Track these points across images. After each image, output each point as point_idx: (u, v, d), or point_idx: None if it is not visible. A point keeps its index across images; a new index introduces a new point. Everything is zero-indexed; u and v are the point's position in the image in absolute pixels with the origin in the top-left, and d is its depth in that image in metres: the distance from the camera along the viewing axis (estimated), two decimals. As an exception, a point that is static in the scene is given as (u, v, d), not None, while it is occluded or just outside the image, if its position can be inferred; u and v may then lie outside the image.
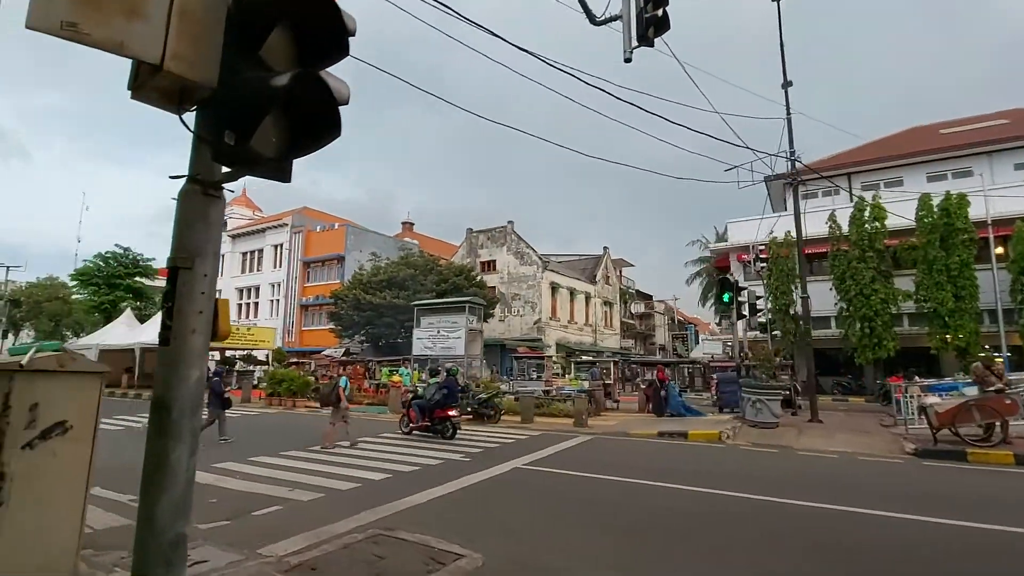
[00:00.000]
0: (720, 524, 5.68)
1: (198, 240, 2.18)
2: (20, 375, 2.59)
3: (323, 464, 8.64)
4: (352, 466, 8.43)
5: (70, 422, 2.79)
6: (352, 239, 46.37)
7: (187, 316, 2.11)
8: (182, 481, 2.10)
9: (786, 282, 25.60)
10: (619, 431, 12.39)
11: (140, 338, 25.26)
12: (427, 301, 20.36)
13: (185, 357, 2.12)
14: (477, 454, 9.60)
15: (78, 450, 2.85)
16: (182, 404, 2.09)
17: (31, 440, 2.59)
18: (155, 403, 2.13)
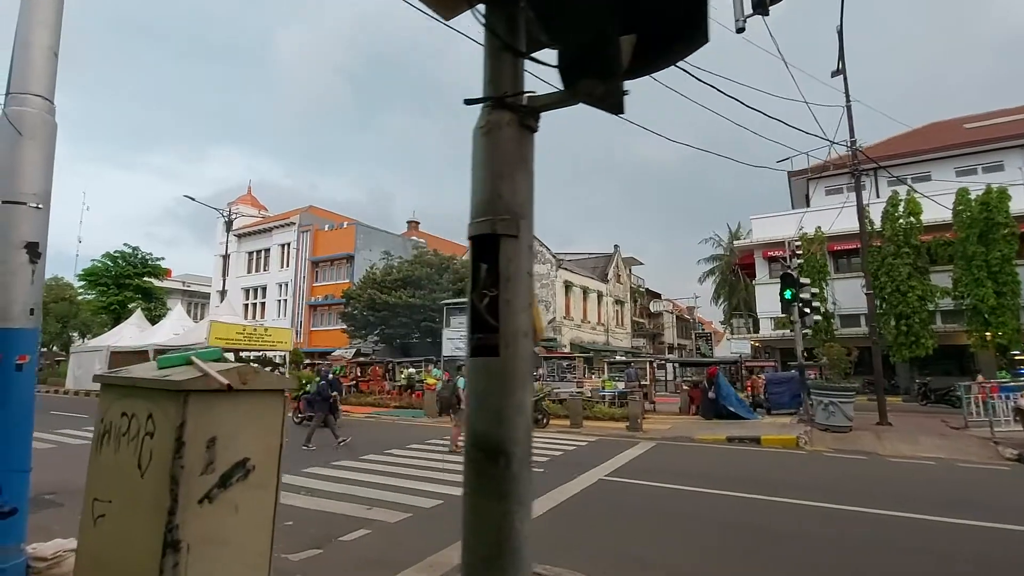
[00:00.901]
0: (882, 550, 4.98)
1: (520, 194, 1.46)
2: (195, 397, 1.85)
3: (387, 476, 7.92)
4: (419, 477, 7.73)
5: (252, 460, 2.08)
6: (361, 238, 45.60)
7: (517, 312, 1.39)
8: (524, 560, 1.39)
9: (817, 279, 24.93)
10: (679, 435, 11.70)
11: (152, 339, 24.50)
12: (458, 300, 19.65)
13: (518, 373, 1.41)
14: (547, 463, 8.89)
15: (262, 500, 2.09)
16: (523, 446, 1.38)
17: (209, 490, 1.90)
18: (479, 444, 1.41)
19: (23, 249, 3.25)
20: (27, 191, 3.32)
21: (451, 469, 8.34)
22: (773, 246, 28.34)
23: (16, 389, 3.22)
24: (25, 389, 3.34)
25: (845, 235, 25.75)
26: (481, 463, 1.37)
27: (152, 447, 1.72)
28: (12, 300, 3.19)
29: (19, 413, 3.31)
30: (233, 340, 22.79)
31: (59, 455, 9.87)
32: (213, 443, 1.90)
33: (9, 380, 3.16)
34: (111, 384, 1.94)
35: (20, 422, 3.32)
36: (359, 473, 8.17)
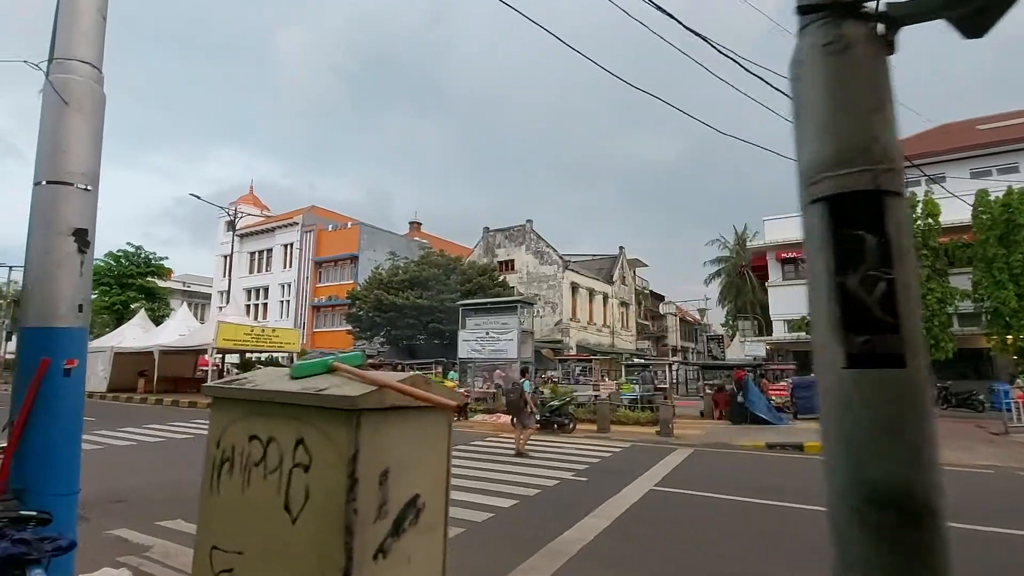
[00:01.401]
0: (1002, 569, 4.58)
1: (896, 137, 1.05)
2: (368, 418, 1.39)
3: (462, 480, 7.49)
4: (460, 488, 7.29)
5: (422, 497, 1.61)
6: (366, 238, 45.22)
7: (915, 302, 0.97)
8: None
9: (834, 281, 24.56)
10: (715, 442, 11.29)
11: (157, 340, 24.05)
12: (474, 301, 19.25)
13: (927, 391, 0.99)
14: (587, 471, 8.48)
15: (432, 546, 1.59)
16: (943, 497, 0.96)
17: (383, 540, 1.43)
18: (880, 499, 0.95)
19: (70, 237, 2.83)
20: (74, 170, 2.91)
21: (495, 475, 7.92)
22: (788, 247, 28.06)
23: (64, 398, 2.80)
24: (74, 398, 2.91)
25: (860, 237, 25.48)
26: (889, 528, 0.92)
27: (308, 483, 1.27)
28: (59, 296, 2.77)
29: (68, 427, 2.89)
30: (240, 341, 22.37)
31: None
32: (386, 477, 1.44)
33: (56, 388, 2.74)
34: (230, 399, 1.50)
35: (69, 437, 2.89)
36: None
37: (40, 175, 2.95)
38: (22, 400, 2.75)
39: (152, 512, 6.07)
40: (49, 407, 2.73)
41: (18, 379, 2.85)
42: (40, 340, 2.79)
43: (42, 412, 2.73)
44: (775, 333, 28.53)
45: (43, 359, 2.74)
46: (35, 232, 2.89)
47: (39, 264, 2.82)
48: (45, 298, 2.79)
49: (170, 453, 10.35)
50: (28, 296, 2.81)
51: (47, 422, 2.74)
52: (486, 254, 43.14)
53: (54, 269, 2.77)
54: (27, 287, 2.83)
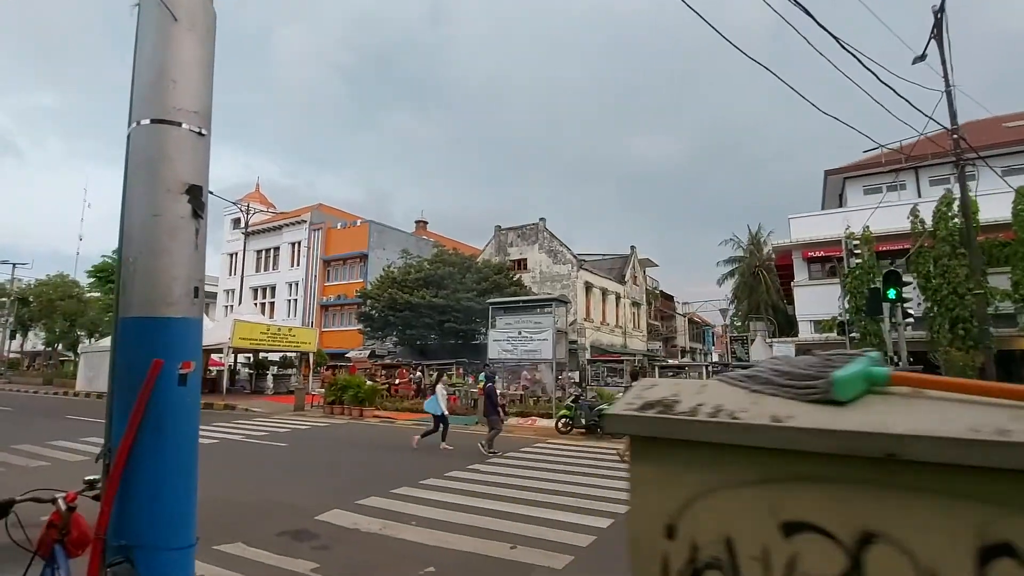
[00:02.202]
0: None
1: None
2: None
3: (499, 500, 6.76)
4: (545, 504, 6.56)
5: None
6: (375, 236, 44.51)
7: None
8: None
9: (866, 281, 23.84)
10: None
11: (169, 339, 23.31)
12: (505, 300, 18.52)
13: None
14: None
15: None
16: None
17: None
18: None
19: (183, 196, 2.09)
20: (185, 106, 2.17)
21: (568, 487, 7.19)
22: (814, 246, 27.35)
23: (179, 415, 2.06)
24: (191, 415, 2.17)
25: (892, 235, 24.79)
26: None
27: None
28: (170, 274, 2.03)
29: (184, 454, 2.14)
30: (256, 340, 21.66)
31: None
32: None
33: (170, 400, 2.00)
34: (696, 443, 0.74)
35: (184, 469, 2.14)
36: (460, 496, 7.01)
37: (140, 112, 2.20)
38: (123, 418, 2.00)
39: (207, 534, 5.31)
40: (162, 427, 1.99)
41: (117, 389, 2.09)
42: (147, 334, 2.03)
43: (152, 434, 1.98)
44: (801, 334, 27.80)
45: (155, 361, 1.98)
46: (135, 189, 2.14)
47: (145, 231, 2.07)
48: (153, 278, 2.03)
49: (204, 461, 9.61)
50: (131, 274, 2.05)
51: (159, 448, 2.00)
52: (498, 253, 42.41)
53: (165, 239, 2.03)
54: (128, 261, 2.07)
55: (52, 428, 13.69)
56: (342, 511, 6.19)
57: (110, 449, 1.99)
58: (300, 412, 17.55)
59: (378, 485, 7.44)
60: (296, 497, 6.87)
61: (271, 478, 8.10)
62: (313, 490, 7.27)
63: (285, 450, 10.78)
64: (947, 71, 13.07)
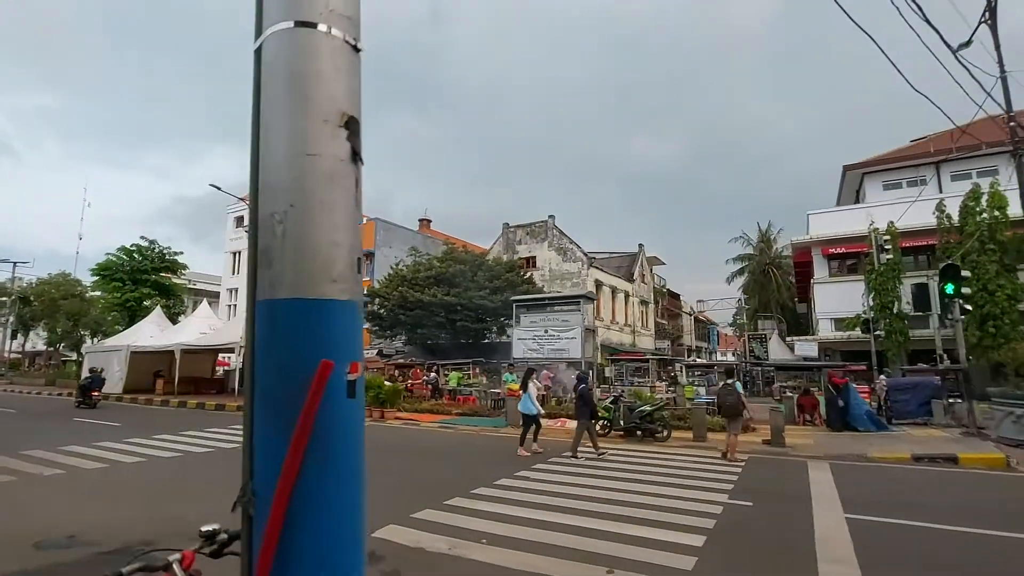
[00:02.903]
0: None
1: None
2: None
3: (568, 513, 6.16)
4: (621, 518, 5.97)
5: None
6: (381, 234, 43.92)
7: None
8: None
9: (892, 277, 23.29)
10: (843, 453, 9.97)
11: (177, 338, 22.65)
12: (530, 297, 17.96)
13: None
14: (739, 492, 7.16)
15: None
16: None
17: None
18: None
19: (341, 129, 1.48)
20: (336, 8, 1.54)
21: (638, 497, 6.60)
22: (836, 242, 26.79)
23: (348, 440, 1.42)
24: (359, 441, 1.51)
25: (915, 231, 24.22)
26: None
27: None
28: (333, 238, 1.41)
29: (353, 496, 1.47)
30: (268, 340, 21.00)
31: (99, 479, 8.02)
32: None
33: (337, 420, 1.36)
34: None
35: (353, 516, 1.47)
36: (537, 507, 6.42)
37: (276, 13, 1.57)
38: (273, 446, 1.38)
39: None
40: (331, 457, 1.38)
41: (259, 404, 1.47)
42: (305, 323, 1.40)
43: (318, 467, 1.36)
44: (821, 332, 27.24)
45: (323, 363, 1.36)
46: (275, 119, 1.51)
47: (295, 177, 1.45)
48: (311, 243, 1.41)
49: (226, 468, 9.00)
50: (276, 237, 1.43)
51: (327, 486, 1.38)
52: (506, 251, 41.81)
53: (322, 188, 1.41)
54: (270, 220, 1.46)
55: (61, 431, 13.06)
56: (399, 527, 5.60)
57: (253, 492, 1.38)
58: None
59: (428, 496, 6.85)
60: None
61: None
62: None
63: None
64: (1001, 57, 12.47)
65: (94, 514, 6.05)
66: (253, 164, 1.47)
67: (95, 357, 25.14)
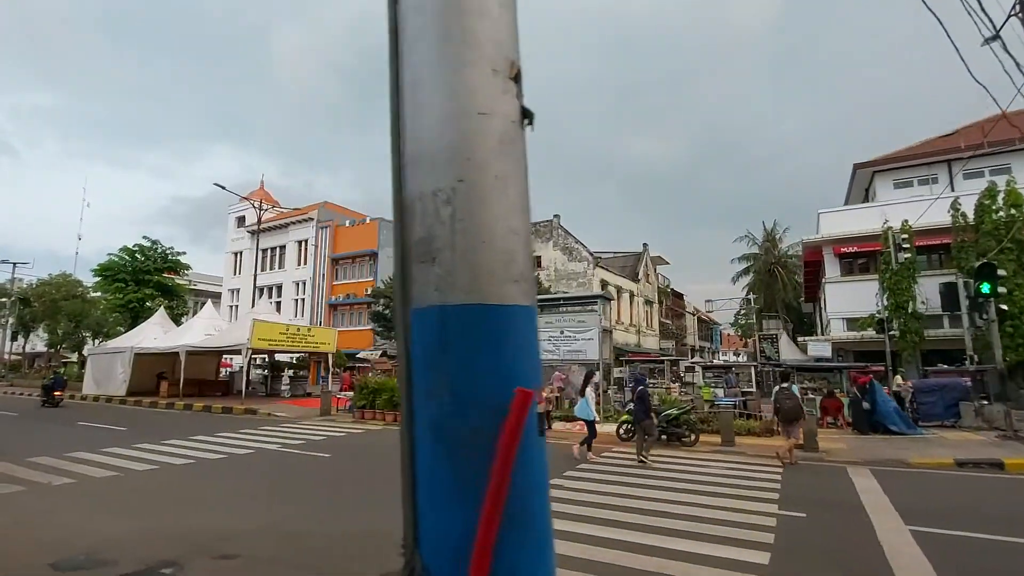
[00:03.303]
0: None
1: None
2: None
3: (616, 528, 5.83)
4: (675, 532, 5.64)
5: None
6: (385, 234, 43.43)
7: None
8: None
9: (906, 277, 22.99)
10: (882, 458, 9.65)
11: (182, 340, 22.28)
12: (546, 297, 17.61)
13: None
14: (788, 502, 6.82)
15: None
16: None
17: None
18: None
19: (511, 83, 1.13)
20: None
21: (683, 508, 6.27)
22: (849, 241, 26.46)
23: (538, 478, 1.06)
24: (545, 477, 1.15)
25: (927, 230, 23.91)
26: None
27: None
28: (510, 225, 1.06)
29: (543, 539, 1.10)
30: (276, 341, 20.69)
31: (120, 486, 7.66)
32: None
33: (531, 455, 1.01)
34: None
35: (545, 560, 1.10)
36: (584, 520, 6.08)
37: None
38: (451, 492, 1.01)
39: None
40: (527, 509, 1.03)
41: (431, 438, 1.08)
42: (484, 337, 1.04)
43: (517, 526, 1.00)
44: (833, 332, 26.93)
45: (519, 392, 0.99)
46: (429, 71, 1.14)
47: (463, 144, 1.09)
48: (486, 232, 1.06)
49: (244, 475, 8.65)
50: (441, 223, 1.07)
51: (524, 544, 1.01)
52: (511, 250, 41.42)
53: (496, 156, 1.08)
54: (427, 201, 1.10)
55: (66, 437, 12.70)
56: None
57: (425, 569, 1.05)
58: (328, 417, 16.56)
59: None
60: (384, 522, 5.94)
61: (343, 499, 7.14)
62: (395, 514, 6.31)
63: (332, 462, 9.82)
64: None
65: (110, 528, 5.70)
66: (395, 128, 1.13)
67: (98, 359, 24.77)
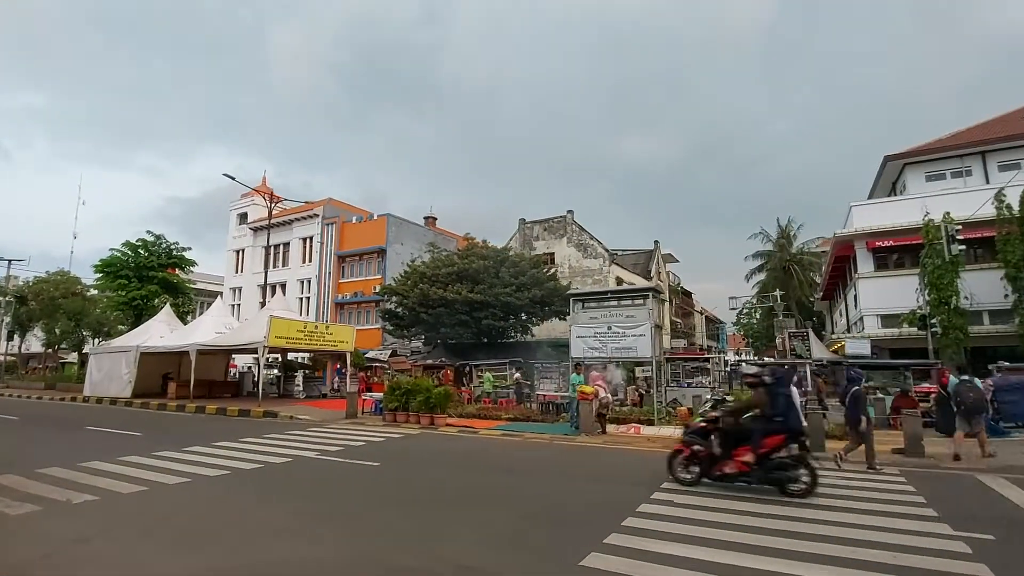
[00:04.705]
0: None
1: None
2: None
3: (776, 556, 4.74)
4: (845, 560, 4.56)
5: None
6: (393, 231, 42.37)
7: None
8: None
9: (950, 271, 22.04)
10: (1004, 465, 8.63)
11: (191, 339, 21.07)
12: (591, 291, 16.60)
13: None
14: (953, 519, 5.76)
15: None
16: None
17: None
18: None
19: None
20: None
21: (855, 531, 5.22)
22: (882, 235, 25.52)
23: None
24: None
25: (971, 223, 23.01)
26: None
27: None
28: None
29: None
30: (293, 339, 19.53)
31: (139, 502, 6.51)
32: None
33: None
34: None
35: None
36: (724, 547, 5.01)
37: None
38: None
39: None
40: None
41: None
42: None
43: None
44: (867, 328, 25.97)
45: None
46: None
47: None
48: None
49: (293, 489, 7.51)
50: None
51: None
52: (523, 247, 40.36)
53: None
54: None
55: (76, 444, 11.53)
56: None
57: None
58: (355, 420, 15.39)
59: (573, 532, 5.44)
60: (489, 551, 4.84)
61: (422, 518, 6.02)
62: (494, 541, 5.21)
63: (384, 472, 8.70)
64: None
65: (169, 566, 4.53)
66: None
67: (101, 359, 23.51)
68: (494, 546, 5.05)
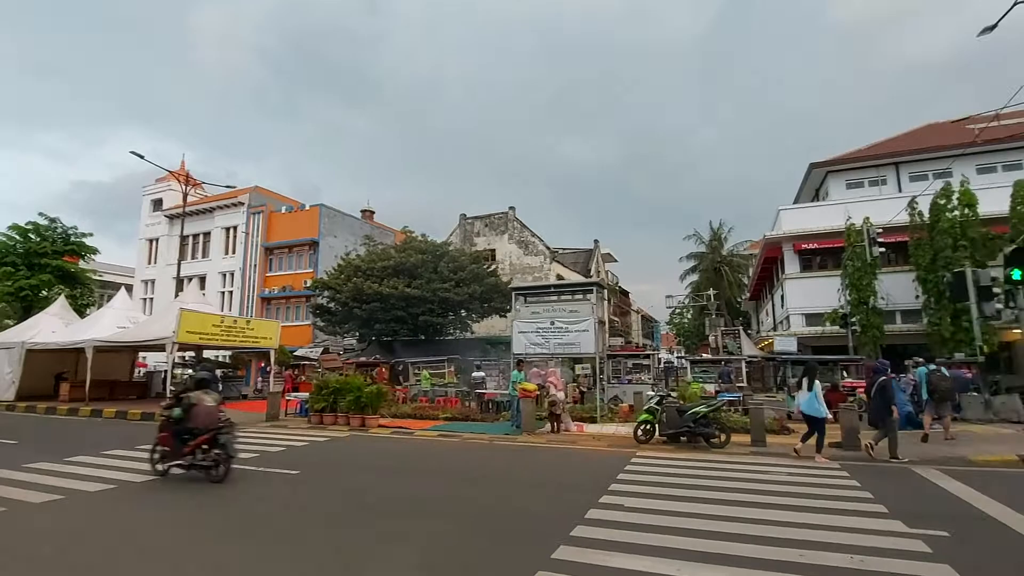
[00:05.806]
0: None
1: None
2: None
3: (739, 564, 4.30)
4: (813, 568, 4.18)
5: None
6: (326, 222, 40.23)
7: None
8: None
9: (868, 273, 23.31)
10: (940, 457, 8.77)
11: (88, 334, 18.76)
12: (533, 285, 16.01)
13: None
14: (902, 515, 5.58)
15: None
16: None
17: None
18: None
19: None
20: None
21: (815, 531, 4.87)
22: (807, 238, 26.72)
23: None
24: None
25: (886, 228, 24.48)
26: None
27: None
28: None
29: None
30: (208, 335, 17.75)
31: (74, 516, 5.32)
32: None
33: None
34: None
35: None
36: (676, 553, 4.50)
37: None
38: None
39: None
40: None
41: None
42: None
43: None
44: (793, 327, 27.12)
45: None
46: None
47: None
48: None
49: (189, 506, 6.42)
50: None
51: None
52: (463, 243, 39.52)
53: None
54: None
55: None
56: None
57: None
58: (277, 423, 14.05)
59: (518, 545, 4.80)
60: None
61: (349, 540, 5.18)
62: (429, 565, 4.47)
63: (303, 482, 7.72)
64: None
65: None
66: None
67: (-8, 355, 20.58)
68: (429, 570, 4.32)
